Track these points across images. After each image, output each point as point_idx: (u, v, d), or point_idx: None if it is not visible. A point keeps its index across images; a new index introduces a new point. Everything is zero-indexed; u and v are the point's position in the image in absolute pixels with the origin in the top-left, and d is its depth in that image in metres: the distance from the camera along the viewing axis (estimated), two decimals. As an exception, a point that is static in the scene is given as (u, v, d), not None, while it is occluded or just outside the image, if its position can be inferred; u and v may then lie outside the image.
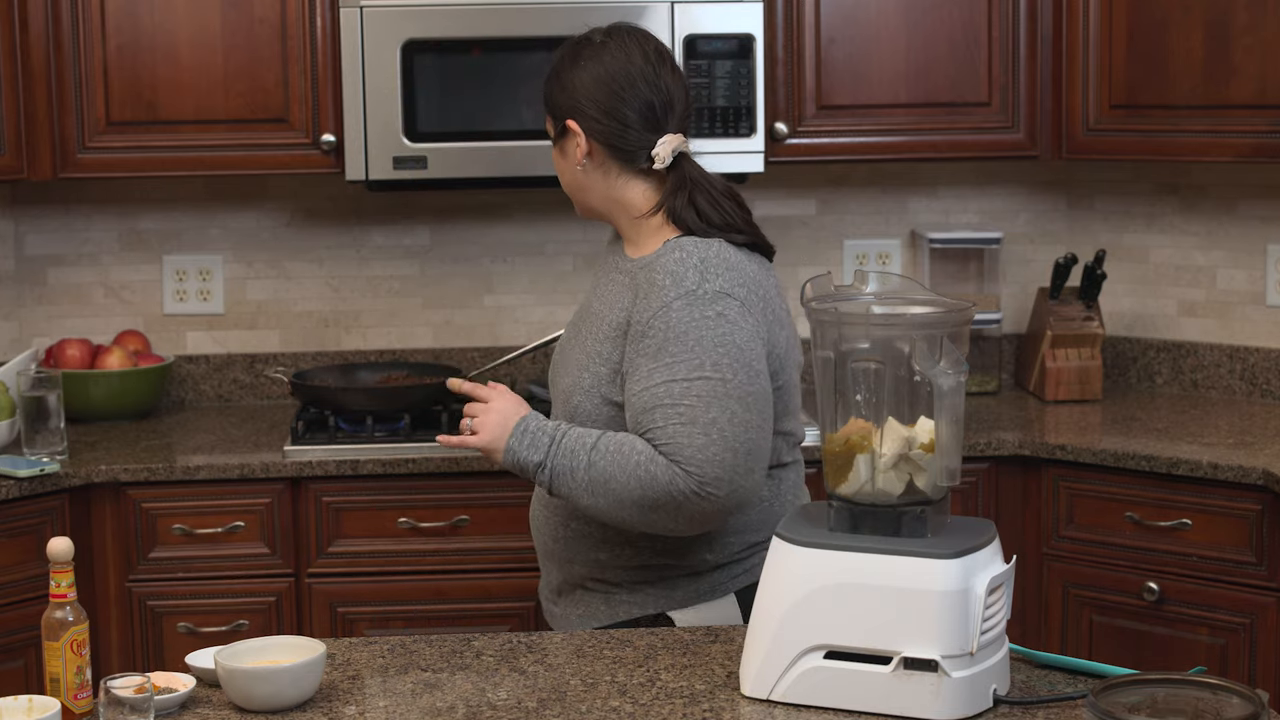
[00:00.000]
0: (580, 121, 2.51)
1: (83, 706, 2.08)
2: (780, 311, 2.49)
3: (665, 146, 2.49)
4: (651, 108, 2.49)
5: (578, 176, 2.55)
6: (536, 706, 2.09)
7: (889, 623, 2.00)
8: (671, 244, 2.46)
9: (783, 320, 2.48)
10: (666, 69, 2.52)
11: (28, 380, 3.50)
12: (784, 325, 2.48)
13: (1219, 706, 1.89)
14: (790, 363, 2.49)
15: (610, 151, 2.51)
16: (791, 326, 2.52)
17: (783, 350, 2.46)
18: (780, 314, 2.48)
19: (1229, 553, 3.31)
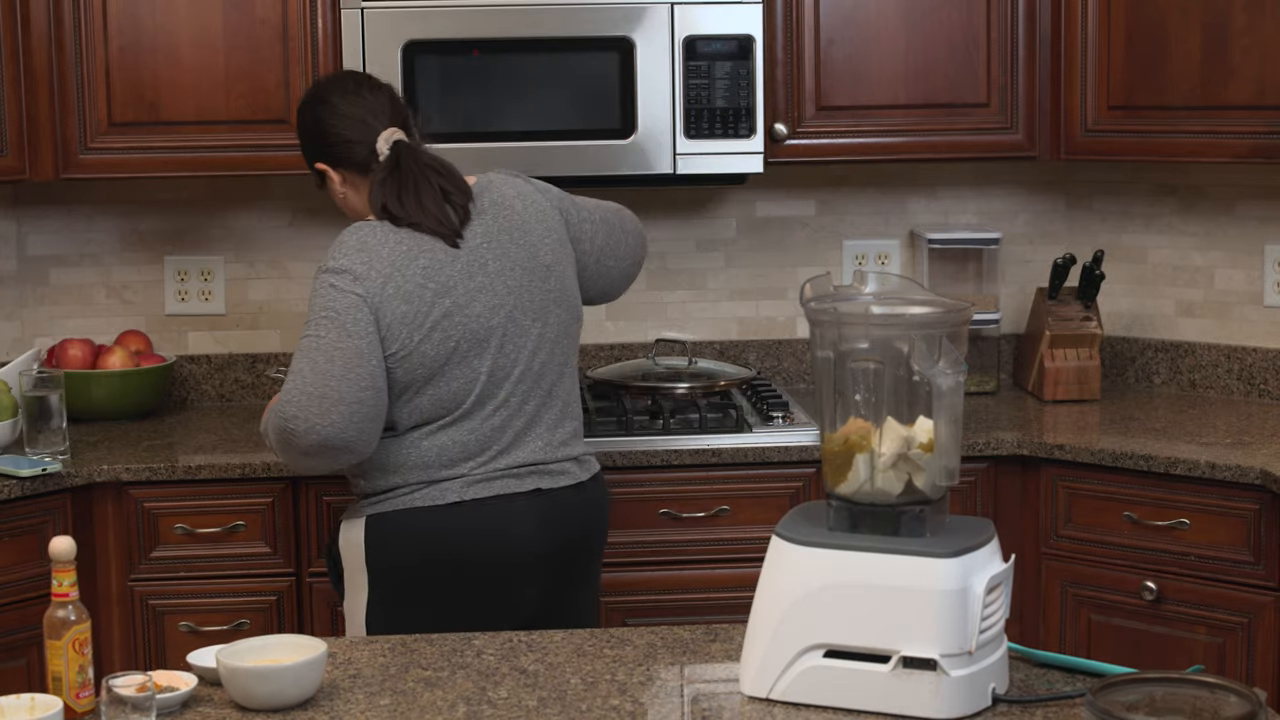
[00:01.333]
0: (324, 159, 3.03)
1: (85, 705, 2.09)
2: (413, 288, 2.81)
3: (383, 141, 2.94)
4: (362, 121, 2.97)
5: (344, 203, 3.09)
6: (536, 706, 2.09)
7: (888, 622, 2.01)
8: (483, 181, 3.00)
9: (412, 296, 2.81)
10: (364, 89, 3.02)
11: (30, 380, 3.50)
12: (413, 300, 2.80)
13: (1217, 705, 1.89)
14: (419, 332, 2.81)
15: (351, 169, 3.01)
16: (438, 303, 2.83)
17: (403, 320, 2.80)
18: (413, 290, 2.81)
19: (1227, 552, 3.31)
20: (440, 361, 2.84)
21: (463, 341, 2.85)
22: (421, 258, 2.85)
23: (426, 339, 2.82)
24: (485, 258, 2.88)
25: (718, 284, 4.18)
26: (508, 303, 2.88)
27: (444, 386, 2.85)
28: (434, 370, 2.84)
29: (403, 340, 2.81)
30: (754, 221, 4.17)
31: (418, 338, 2.82)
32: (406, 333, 2.81)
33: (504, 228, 2.92)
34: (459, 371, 2.85)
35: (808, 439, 3.55)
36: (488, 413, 2.88)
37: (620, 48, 3.65)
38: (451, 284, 2.85)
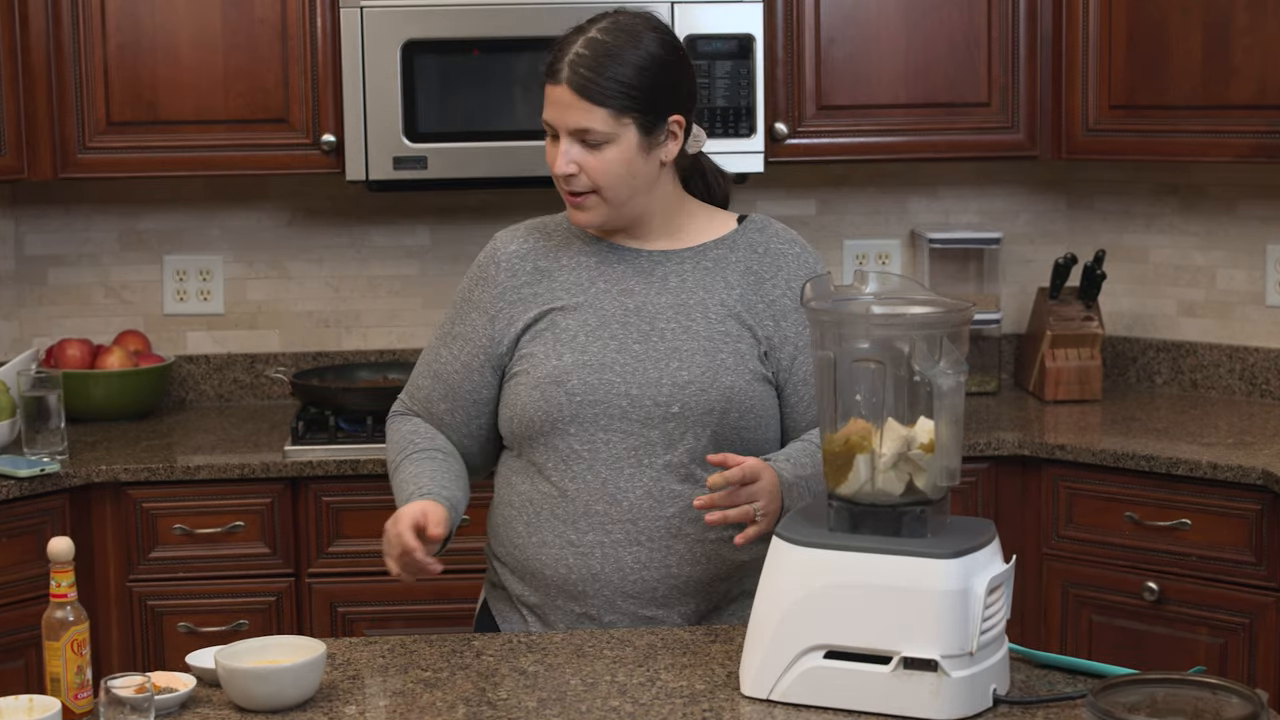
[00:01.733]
0: (687, 116, 2.41)
1: (83, 706, 2.08)
2: None
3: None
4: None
5: (652, 177, 2.41)
6: (536, 706, 2.09)
7: (889, 622, 2.00)
8: (759, 221, 2.51)
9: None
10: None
11: (28, 380, 3.50)
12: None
13: (1218, 706, 1.89)
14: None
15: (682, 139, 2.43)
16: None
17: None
18: None
19: (1228, 552, 3.31)
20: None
21: None
22: None
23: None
24: None
25: (718, 284, 4.17)
26: None
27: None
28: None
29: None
30: (754, 221, 4.16)
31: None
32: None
33: None
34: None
35: (808, 439, 3.54)
36: None
37: (620, 47, 3.64)
38: None
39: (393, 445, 2.54)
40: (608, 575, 2.39)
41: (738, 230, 2.49)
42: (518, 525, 2.45)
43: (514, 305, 2.45)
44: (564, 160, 2.36)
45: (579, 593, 2.40)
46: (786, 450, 2.42)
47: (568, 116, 2.35)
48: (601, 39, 2.35)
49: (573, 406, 2.37)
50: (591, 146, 2.35)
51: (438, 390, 2.51)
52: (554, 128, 2.38)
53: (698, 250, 2.46)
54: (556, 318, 2.43)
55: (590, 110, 2.33)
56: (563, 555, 2.40)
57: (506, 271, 2.47)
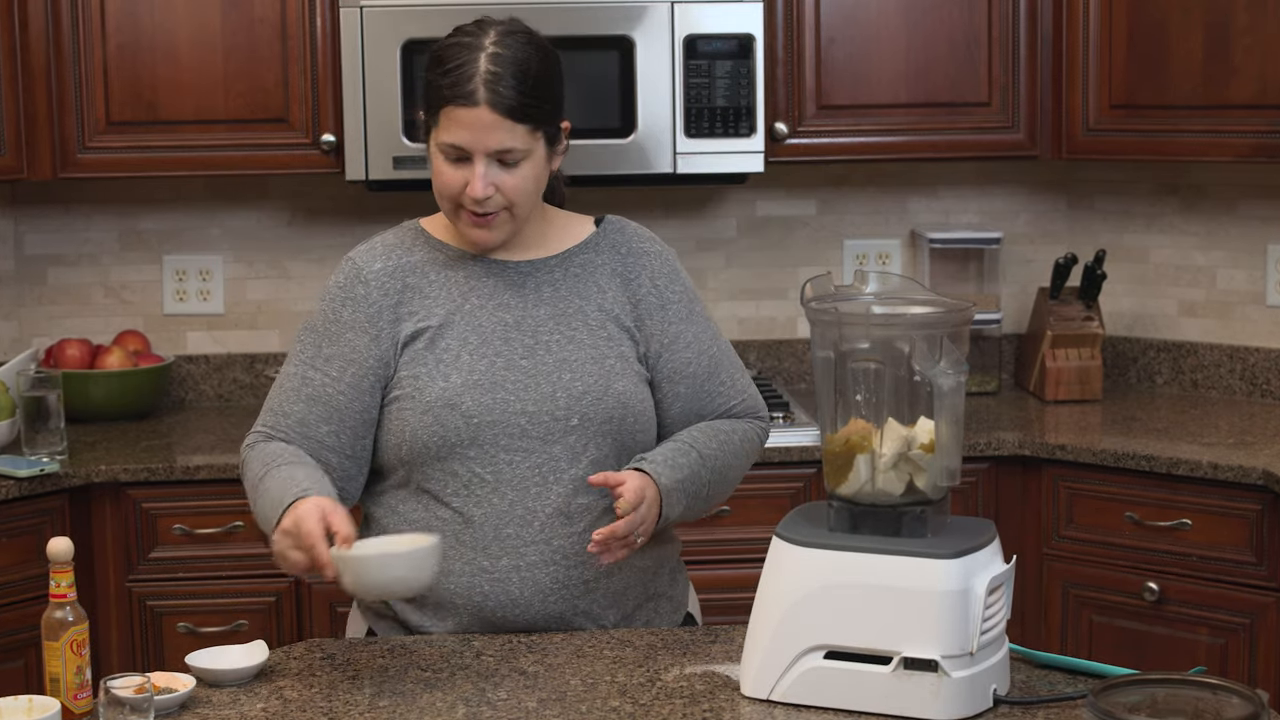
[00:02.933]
0: (566, 118, 2.39)
1: (83, 706, 2.08)
2: None
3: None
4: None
5: (544, 187, 2.40)
6: (536, 706, 2.09)
7: (889, 623, 2.00)
8: (616, 222, 2.49)
9: None
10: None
11: (27, 380, 3.49)
12: None
13: (1219, 706, 1.89)
14: None
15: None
16: None
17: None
18: None
19: (1229, 553, 3.30)
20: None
21: None
22: None
23: None
24: None
25: (718, 284, 4.17)
26: None
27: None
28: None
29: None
30: (754, 221, 4.16)
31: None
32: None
33: None
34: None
35: (808, 439, 3.54)
36: None
37: (620, 47, 3.64)
38: None
39: (255, 463, 2.34)
40: (528, 599, 2.34)
41: (598, 233, 2.47)
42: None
43: (393, 324, 2.37)
44: (484, 184, 2.29)
45: (498, 619, 2.35)
46: (662, 451, 2.38)
47: (489, 138, 2.28)
48: (506, 54, 2.29)
49: (470, 429, 2.32)
50: (509, 165, 2.30)
51: (316, 413, 2.36)
52: (463, 150, 2.30)
53: (564, 257, 2.43)
54: (434, 337, 2.36)
55: (513, 129, 2.28)
56: (476, 583, 2.34)
57: (378, 290, 2.38)
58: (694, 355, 2.44)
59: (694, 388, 2.44)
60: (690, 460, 2.37)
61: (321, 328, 2.40)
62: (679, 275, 2.47)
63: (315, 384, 2.37)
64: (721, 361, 2.47)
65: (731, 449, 2.44)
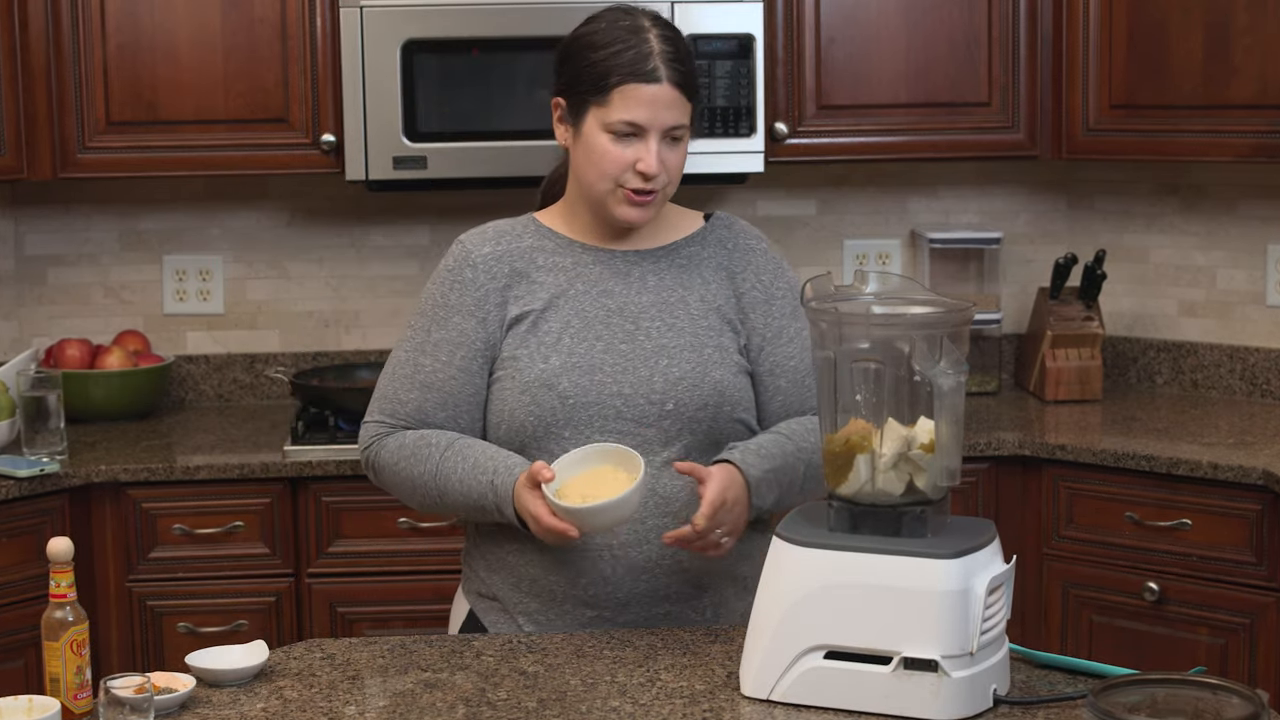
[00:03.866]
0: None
1: (82, 706, 2.08)
2: None
3: None
4: None
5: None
6: (536, 706, 2.08)
7: (889, 623, 2.00)
8: (725, 218, 2.54)
9: None
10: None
11: (27, 380, 3.49)
12: None
13: (1219, 706, 1.89)
14: None
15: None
16: None
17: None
18: None
19: (1229, 553, 3.30)
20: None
21: None
22: None
23: None
24: None
25: (718, 284, 4.17)
26: None
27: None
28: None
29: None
30: (754, 221, 4.16)
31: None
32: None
33: None
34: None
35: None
36: None
37: (620, 47, 3.64)
38: None
39: (415, 455, 2.39)
40: (619, 578, 2.37)
41: (706, 227, 2.51)
42: (511, 531, 2.40)
43: (499, 307, 2.41)
44: (657, 161, 2.34)
45: (590, 598, 2.38)
46: (754, 441, 2.40)
47: (668, 115, 2.34)
48: (670, 35, 2.37)
49: (566, 410, 2.36)
50: (675, 143, 2.37)
51: (431, 400, 2.40)
52: (641, 128, 2.34)
53: (671, 249, 2.47)
54: (537, 320, 2.40)
55: (685, 107, 2.36)
56: (570, 560, 2.38)
57: (485, 274, 2.42)
58: (796, 350, 2.46)
59: (794, 382, 2.46)
60: (784, 450, 2.38)
61: (430, 312, 2.44)
62: (784, 272, 2.50)
63: (426, 370, 2.41)
64: (810, 367, 2.48)
65: (815, 446, 2.44)
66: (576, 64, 2.38)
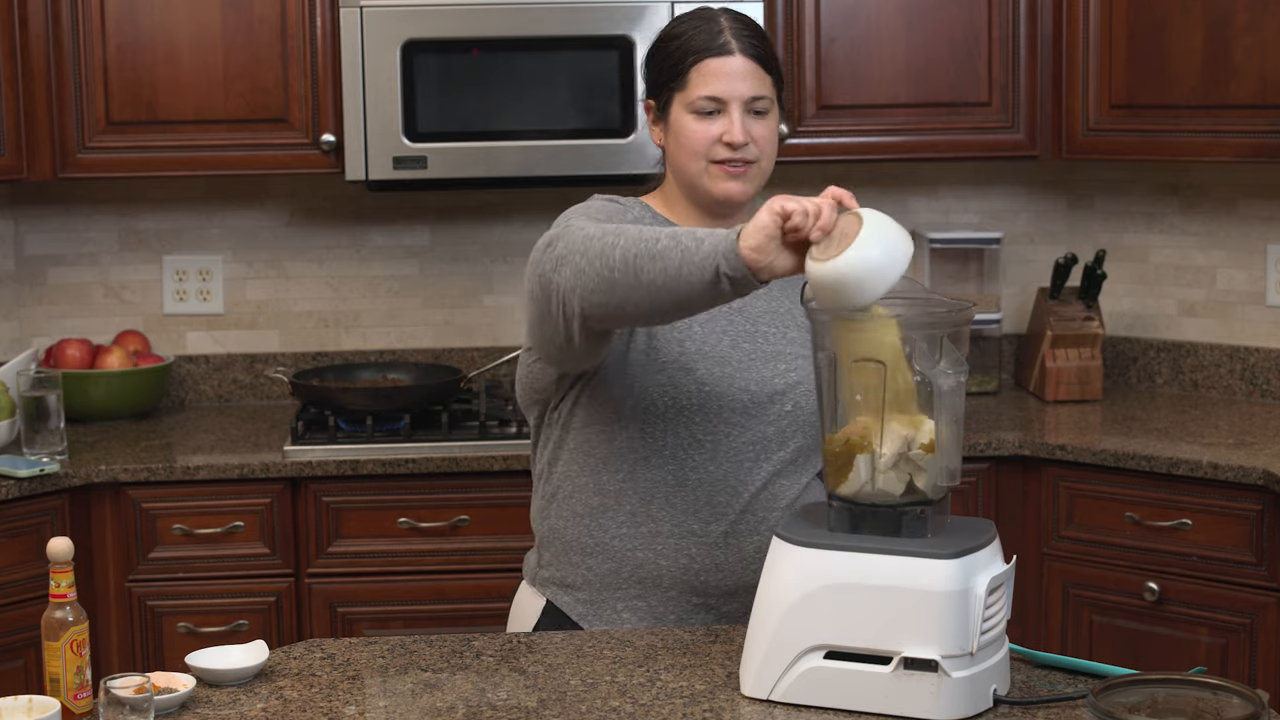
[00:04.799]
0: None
1: (83, 706, 2.08)
2: None
3: None
4: None
5: (776, 147, 2.47)
6: (536, 706, 2.08)
7: (889, 623, 2.00)
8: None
9: None
10: None
11: (27, 380, 3.49)
12: None
13: (1219, 707, 1.89)
14: None
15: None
16: None
17: None
18: None
19: (1229, 553, 3.30)
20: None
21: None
22: None
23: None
24: None
25: (718, 284, 4.16)
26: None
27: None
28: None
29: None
30: (754, 221, 4.16)
31: None
32: None
33: None
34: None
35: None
36: None
37: (620, 46, 3.64)
38: None
39: (609, 232, 2.16)
40: (731, 565, 2.40)
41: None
42: (619, 514, 2.39)
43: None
44: (741, 129, 2.36)
45: (700, 584, 2.40)
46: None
47: (745, 86, 2.37)
48: (740, 16, 2.42)
49: (701, 395, 2.37)
50: (759, 115, 2.39)
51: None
52: (722, 101, 2.36)
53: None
54: None
55: (763, 77, 2.38)
56: (684, 546, 2.39)
57: (634, 223, 2.38)
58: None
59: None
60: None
61: (591, 214, 2.35)
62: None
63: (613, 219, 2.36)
64: None
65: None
66: (656, 60, 2.44)
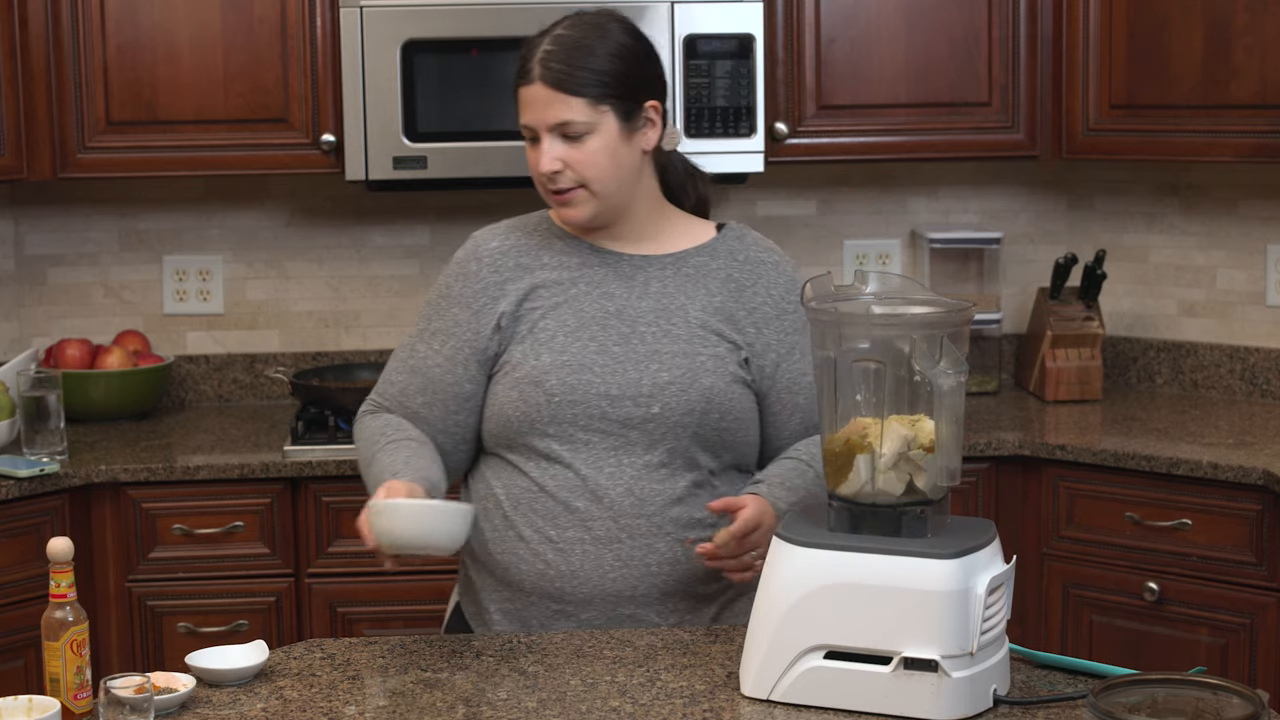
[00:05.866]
0: (662, 102, 2.42)
1: (82, 706, 2.08)
2: None
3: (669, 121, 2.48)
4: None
5: (636, 166, 2.41)
6: (536, 706, 2.08)
7: (889, 623, 2.00)
8: (737, 229, 2.52)
9: None
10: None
11: (28, 380, 3.49)
12: None
13: (1219, 707, 1.89)
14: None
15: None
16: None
17: None
18: None
19: (1229, 553, 3.30)
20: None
21: None
22: None
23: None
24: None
25: (718, 284, 4.17)
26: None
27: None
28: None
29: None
30: (754, 221, 4.16)
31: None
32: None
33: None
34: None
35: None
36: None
37: (620, 47, 3.64)
38: None
39: (364, 441, 2.48)
40: (587, 573, 2.38)
41: (717, 238, 2.50)
42: (494, 520, 2.43)
43: (496, 300, 2.43)
44: (548, 158, 2.36)
45: (556, 590, 2.39)
46: (779, 472, 2.42)
47: (546, 113, 2.35)
48: (568, 34, 2.37)
49: (551, 407, 2.37)
50: (573, 140, 2.35)
51: (414, 384, 2.46)
52: (533, 129, 2.38)
53: (679, 257, 2.47)
54: (536, 318, 2.42)
55: (567, 101, 2.33)
56: (541, 552, 2.39)
57: (489, 267, 2.45)
58: (810, 366, 2.45)
59: (812, 398, 2.45)
60: (806, 481, 2.41)
61: (435, 301, 2.49)
62: (797, 285, 2.48)
63: (419, 356, 2.47)
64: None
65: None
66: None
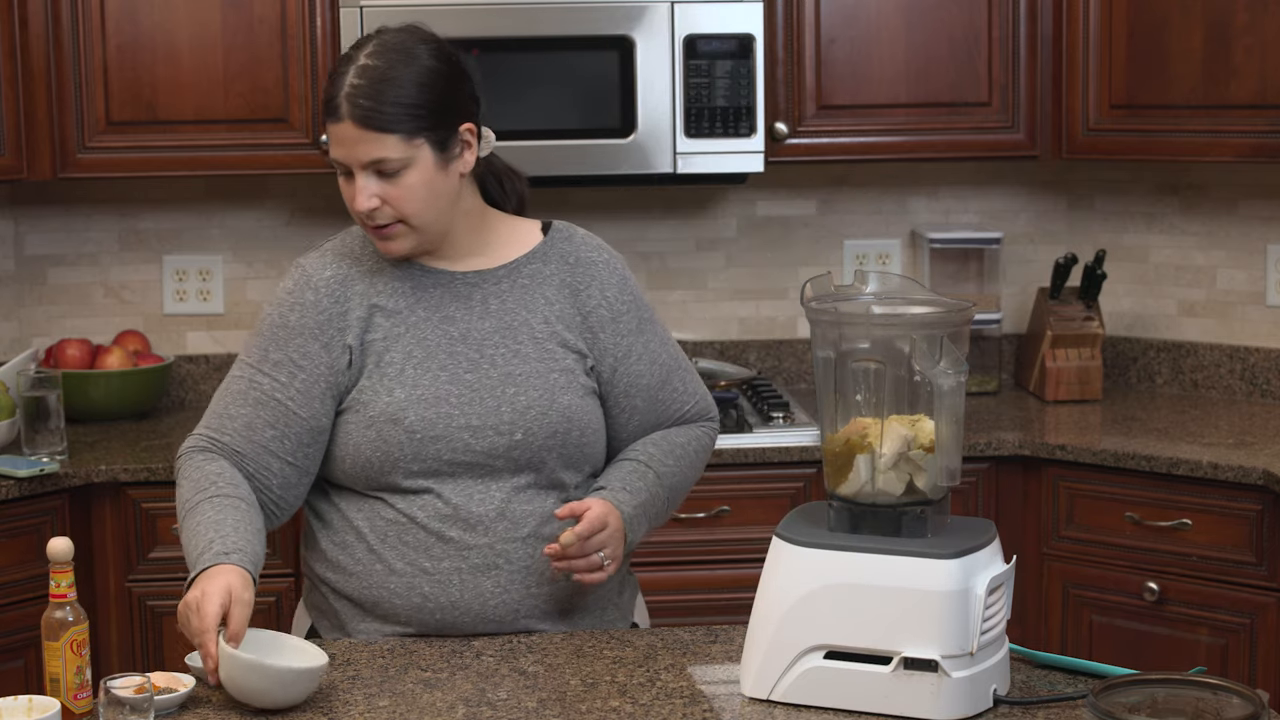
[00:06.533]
0: (476, 122, 2.36)
1: (82, 706, 2.08)
2: None
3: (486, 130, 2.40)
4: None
5: (454, 192, 2.34)
6: (536, 706, 2.08)
7: (889, 623, 2.00)
8: (564, 229, 2.48)
9: None
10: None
11: (27, 380, 3.49)
12: None
13: (1219, 707, 1.89)
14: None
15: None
16: None
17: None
18: None
19: (1229, 553, 3.30)
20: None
21: None
22: None
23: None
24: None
25: (718, 284, 4.17)
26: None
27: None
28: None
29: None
30: (754, 221, 4.16)
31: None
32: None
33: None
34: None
35: (808, 439, 3.54)
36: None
37: (620, 47, 3.64)
38: None
39: (190, 483, 2.31)
40: (467, 603, 2.33)
41: (546, 241, 2.46)
42: (357, 554, 2.36)
43: (343, 332, 2.35)
44: (363, 196, 2.28)
45: (436, 623, 2.34)
46: (620, 475, 2.40)
47: (358, 151, 2.26)
48: (373, 64, 2.27)
49: (413, 444, 2.31)
50: (389, 176, 2.27)
51: (263, 417, 2.33)
52: (344, 165, 2.29)
53: (511, 268, 2.42)
54: (382, 351, 2.35)
55: (380, 139, 2.26)
56: (416, 584, 2.33)
57: (329, 297, 2.37)
58: (646, 367, 2.45)
59: (649, 400, 2.46)
60: (647, 483, 2.40)
61: (269, 333, 2.37)
62: (628, 284, 2.46)
63: (264, 388, 2.34)
64: (673, 368, 2.49)
65: (686, 461, 2.49)
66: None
